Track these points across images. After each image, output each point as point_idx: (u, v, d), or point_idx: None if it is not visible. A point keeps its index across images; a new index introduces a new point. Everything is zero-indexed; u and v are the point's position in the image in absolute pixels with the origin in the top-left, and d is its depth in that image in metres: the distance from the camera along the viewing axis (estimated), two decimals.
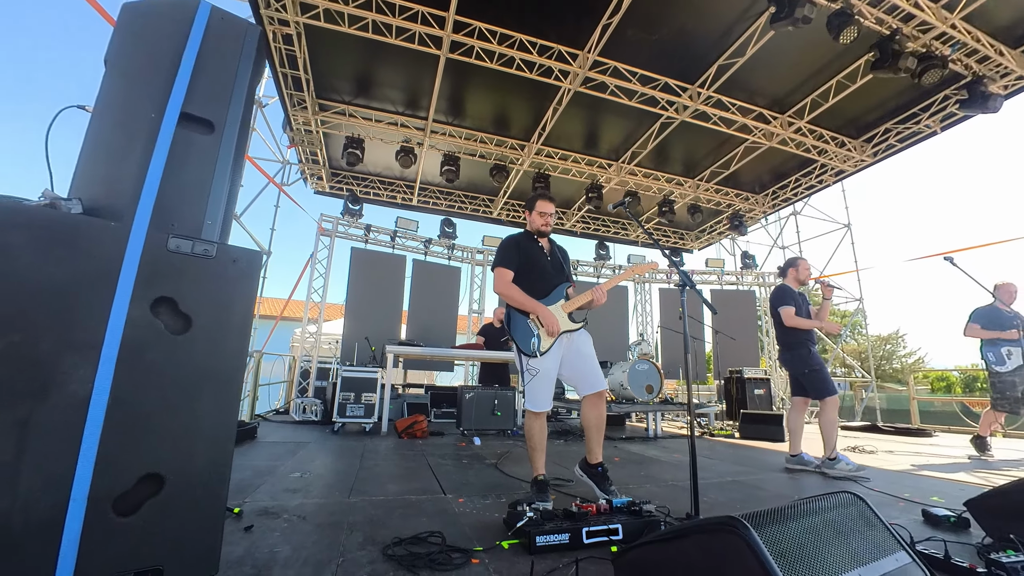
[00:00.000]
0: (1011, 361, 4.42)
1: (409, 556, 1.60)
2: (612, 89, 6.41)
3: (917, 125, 6.94)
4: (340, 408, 4.62)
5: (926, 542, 1.78)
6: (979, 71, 6.00)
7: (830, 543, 1.05)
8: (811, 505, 1.16)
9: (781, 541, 0.98)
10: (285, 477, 2.78)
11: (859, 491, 2.83)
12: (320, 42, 5.87)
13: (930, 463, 4.03)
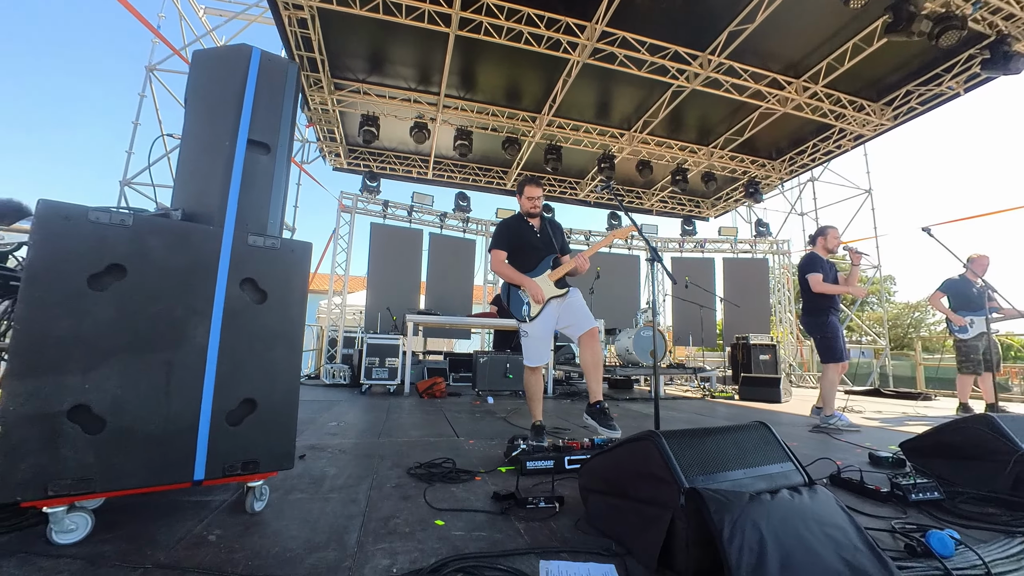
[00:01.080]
0: (973, 329, 4.72)
1: (427, 474, 2.11)
2: (621, 59, 6.56)
3: (939, 87, 6.88)
4: (367, 371, 5.21)
5: (849, 471, 2.19)
6: (1004, 29, 5.92)
7: (727, 453, 1.48)
8: (722, 429, 1.58)
9: (685, 447, 1.41)
10: (324, 425, 3.35)
11: (821, 438, 3.25)
12: (333, 24, 6.18)
13: (907, 420, 4.37)
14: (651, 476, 1.36)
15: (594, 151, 8.70)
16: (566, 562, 1.28)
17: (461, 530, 1.50)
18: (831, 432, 3.57)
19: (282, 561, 1.25)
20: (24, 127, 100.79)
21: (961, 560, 1.37)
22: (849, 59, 6.52)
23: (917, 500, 1.86)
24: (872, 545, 1.22)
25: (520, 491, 1.77)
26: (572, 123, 8.30)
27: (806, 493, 1.33)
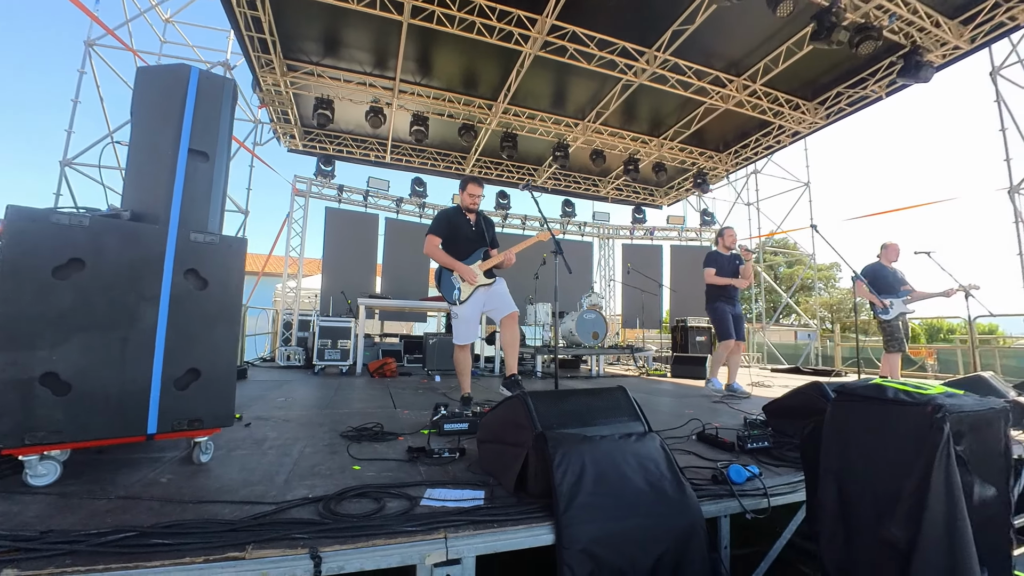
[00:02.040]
0: (892, 310, 5.38)
1: (357, 435, 2.49)
2: (572, 53, 6.90)
3: (865, 90, 7.55)
4: (319, 353, 5.51)
5: (718, 430, 2.71)
6: (918, 40, 6.57)
7: (584, 410, 1.92)
8: (586, 392, 2.03)
9: (548, 405, 1.85)
10: (272, 400, 3.68)
11: (719, 406, 3.81)
12: (285, 5, 6.26)
13: None
14: (518, 425, 1.80)
15: (549, 139, 9.06)
16: (448, 489, 1.71)
17: (373, 472, 1.90)
18: (730, 401, 4.17)
19: (222, 492, 1.62)
20: None
21: (749, 486, 1.86)
22: (783, 61, 7.08)
23: (752, 448, 2.39)
24: (676, 473, 1.69)
25: (431, 445, 2.19)
26: (528, 111, 8.62)
27: (636, 438, 1.78)
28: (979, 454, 1.38)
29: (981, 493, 1.34)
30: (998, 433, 1.40)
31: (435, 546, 1.31)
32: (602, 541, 1.43)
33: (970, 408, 1.30)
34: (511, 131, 8.71)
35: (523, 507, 1.54)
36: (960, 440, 1.26)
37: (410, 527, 1.34)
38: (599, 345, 6.43)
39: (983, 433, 1.38)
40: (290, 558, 1.20)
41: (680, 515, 1.56)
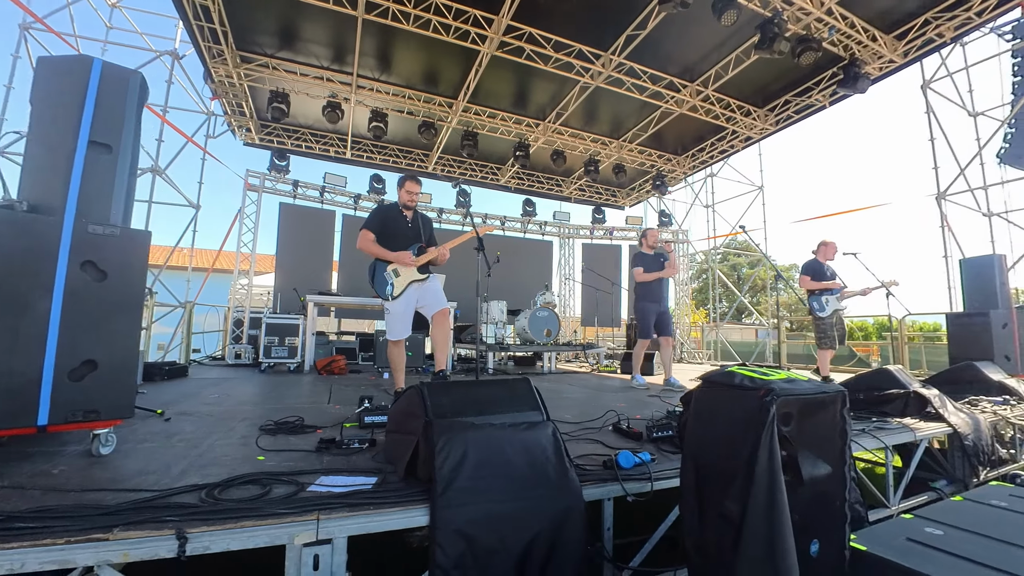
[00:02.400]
0: (828, 307, 5.66)
1: (275, 428, 2.53)
2: (529, 54, 7.01)
3: (810, 98, 7.91)
4: (266, 351, 5.47)
5: (633, 422, 2.85)
6: (856, 53, 6.93)
7: (483, 400, 2.01)
8: (489, 383, 2.13)
9: (445, 395, 1.93)
10: (206, 397, 3.66)
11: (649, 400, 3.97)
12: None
13: None
14: (413, 414, 1.88)
15: (511, 139, 9.16)
16: (342, 476, 1.77)
17: (275, 462, 1.95)
18: (664, 395, 4.35)
19: (112, 482, 1.64)
20: None
21: (636, 471, 1.99)
22: (733, 68, 7.36)
23: (656, 437, 2.52)
24: (562, 459, 1.80)
25: (342, 437, 2.24)
26: (489, 111, 8.70)
27: (528, 427, 1.88)
28: (813, 434, 1.52)
29: (814, 470, 1.48)
30: (834, 416, 1.55)
31: (306, 527, 1.38)
32: (477, 522, 1.52)
33: (800, 392, 1.43)
34: (472, 130, 8.77)
35: (408, 491, 1.63)
36: (788, 421, 1.39)
37: (283, 510, 1.41)
38: (552, 342, 6.56)
39: (817, 416, 1.52)
40: (154, 539, 1.25)
41: (558, 499, 1.67)
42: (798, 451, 1.41)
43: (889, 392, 3.54)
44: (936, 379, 4.65)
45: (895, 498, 2.87)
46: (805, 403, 1.45)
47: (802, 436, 1.45)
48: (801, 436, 1.44)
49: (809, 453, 1.46)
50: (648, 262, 5.16)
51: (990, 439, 3.47)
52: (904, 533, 1.71)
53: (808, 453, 1.45)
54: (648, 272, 5.08)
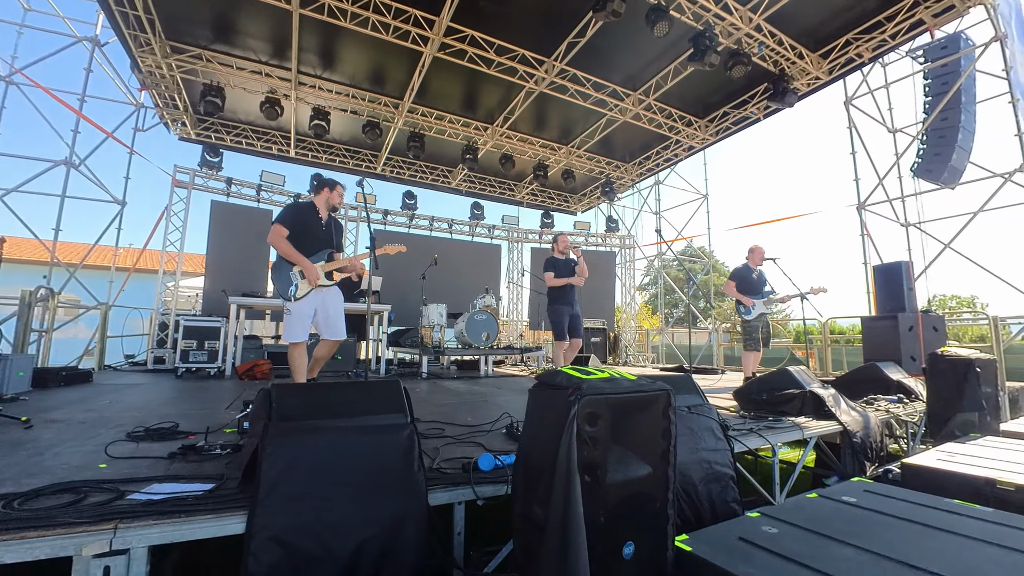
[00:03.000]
0: (754, 311, 5.86)
1: (144, 435, 2.41)
2: (471, 56, 7.02)
3: (746, 110, 8.23)
4: (183, 355, 5.23)
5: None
6: (785, 69, 7.25)
7: (344, 403, 1.97)
8: (355, 384, 2.09)
9: (296, 398, 1.88)
10: (94, 404, 3.46)
11: None
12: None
13: None
14: (259, 417, 1.82)
15: (459, 142, 9.14)
16: (176, 484, 1.70)
17: (116, 470, 1.85)
18: None
19: None
20: None
21: (493, 474, 1.98)
22: (672, 79, 7.57)
23: None
24: (411, 463, 1.77)
25: (207, 443, 2.16)
26: (436, 112, 8.66)
27: (380, 430, 1.84)
28: (631, 435, 1.52)
29: (629, 472, 1.47)
30: (654, 416, 1.56)
31: (98, 537, 1.30)
32: (297, 529, 1.48)
33: (612, 392, 1.44)
34: (419, 131, 8.71)
35: (233, 498, 1.57)
36: (595, 421, 1.40)
37: (75, 519, 1.33)
38: (490, 346, 6.55)
39: (635, 416, 1.53)
40: None
41: (396, 503, 1.64)
42: (608, 452, 1.41)
43: (788, 392, 3.68)
44: (843, 379, 4.89)
45: (781, 495, 2.98)
46: (619, 403, 1.45)
47: (618, 436, 1.46)
48: (617, 436, 1.45)
49: (625, 454, 1.47)
50: (559, 267, 5.28)
51: (879, 436, 3.67)
52: (739, 532, 1.75)
53: (624, 454, 1.46)
54: (559, 277, 5.21)
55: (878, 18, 6.36)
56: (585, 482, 1.30)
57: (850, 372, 4.94)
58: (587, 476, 1.32)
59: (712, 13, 6.28)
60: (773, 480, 2.95)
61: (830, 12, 6.44)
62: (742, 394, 3.93)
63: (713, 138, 8.93)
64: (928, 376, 3.83)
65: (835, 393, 3.75)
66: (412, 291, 7.68)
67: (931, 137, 6.60)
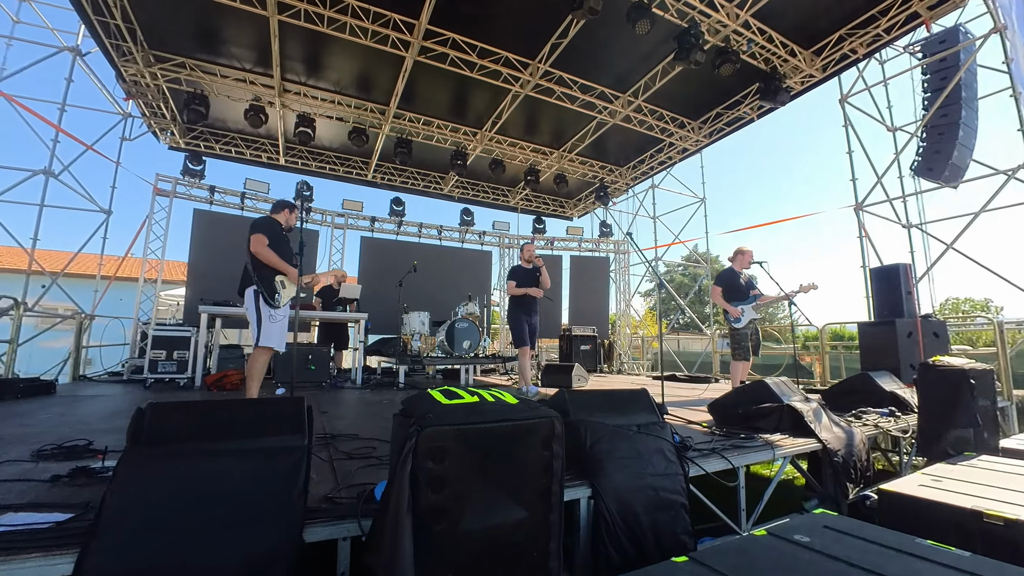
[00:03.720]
0: (744, 317, 5.58)
1: (50, 454, 2.26)
2: (453, 59, 6.89)
3: (739, 111, 7.99)
4: (151, 365, 5.12)
5: None
6: (777, 66, 7.01)
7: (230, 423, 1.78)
8: (254, 401, 1.91)
9: (184, 416, 1.71)
10: (32, 418, 3.33)
11: None
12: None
13: None
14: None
15: (448, 147, 9.02)
16: (28, 514, 1.53)
17: None
18: None
19: None
20: None
21: None
22: (660, 79, 7.37)
23: None
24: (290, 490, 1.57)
25: (103, 464, 2.00)
26: (424, 118, 8.56)
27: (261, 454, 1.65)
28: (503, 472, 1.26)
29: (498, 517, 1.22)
30: (532, 449, 1.29)
31: None
32: (137, 571, 1.30)
33: (475, 422, 1.22)
34: (406, 137, 8.60)
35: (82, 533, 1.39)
36: (443, 457, 1.17)
37: None
38: (472, 355, 6.36)
39: (508, 449, 1.27)
40: None
41: (266, 538, 1.46)
42: (467, 493, 1.20)
43: (765, 406, 3.43)
44: (832, 390, 4.60)
45: (747, 524, 2.72)
46: (482, 434, 1.23)
47: (488, 473, 1.23)
48: (486, 473, 1.23)
49: (496, 495, 1.24)
50: (520, 277, 5.33)
51: (864, 454, 3.39)
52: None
53: (494, 495, 1.24)
54: (520, 287, 5.26)
55: (871, 12, 6.12)
56: (430, 530, 1.10)
57: (840, 383, 4.65)
58: (435, 523, 1.11)
59: (697, 10, 6.08)
60: (738, 507, 2.69)
61: (820, 7, 6.21)
62: (717, 408, 3.68)
63: (707, 140, 8.70)
64: (918, 388, 3.56)
65: (817, 407, 3.48)
66: (386, 300, 7.53)
67: (931, 134, 6.30)
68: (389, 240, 9.69)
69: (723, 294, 5.68)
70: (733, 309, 5.46)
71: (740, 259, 5.67)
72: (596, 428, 2.30)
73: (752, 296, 5.51)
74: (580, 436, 2.25)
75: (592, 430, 2.28)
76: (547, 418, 1.31)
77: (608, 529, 2.04)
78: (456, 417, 1.19)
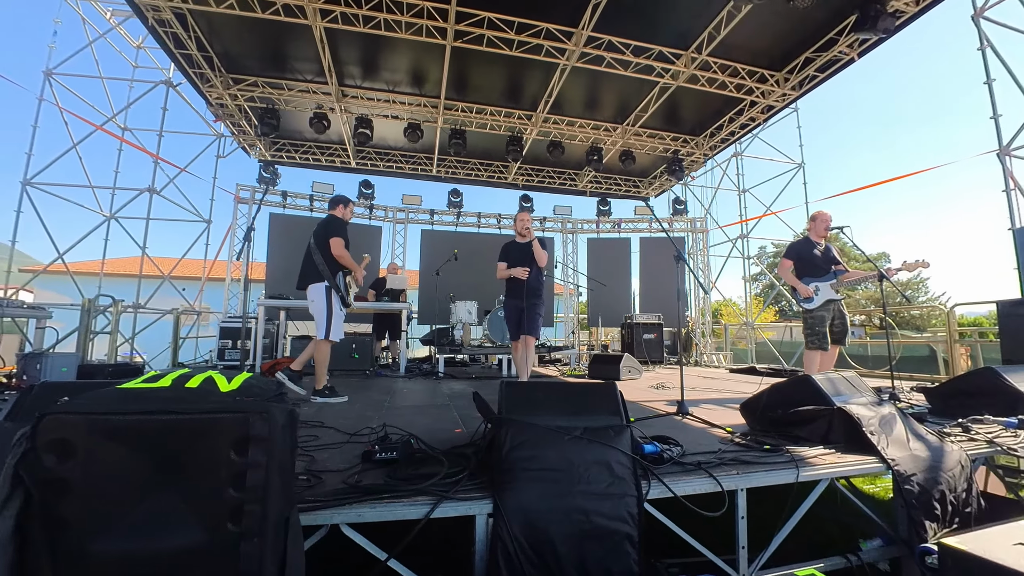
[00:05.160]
0: (818, 296, 4.52)
1: None
2: (490, 39, 6.60)
3: (834, 52, 6.57)
4: (219, 353, 5.66)
5: None
6: None
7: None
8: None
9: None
10: None
11: None
12: (214, 23, 6.52)
13: (704, 397, 4.41)
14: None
15: (503, 134, 8.76)
16: None
17: None
18: None
19: None
20: None
21: None
22: (726, 26, 6.32)
23: (379, 459, 2.06)
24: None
25: None
26: (477, 106, 8.40)
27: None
28: (158, 481, 0.94)
29: (160, 541, 0.91)
30: (218, 454, 0.97)
31: None
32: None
33: (111, 411, 0.91)
34: (459, 127, 8.52)
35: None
36: (69, 453, 0.88)
37: None
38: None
39: (172, 453, 0.94)
40: None
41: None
42: (109, 504, 0.91)
43: (807, 409, 2.66)
44: (941, 390, 3.47)
45: (749, 567, 2.06)
46: (126, 429, 0.92)
47: (136, 482, 0.92)
48: (133, 482, 0.92)
49: (149, 510, 0.92)
50: (511, 254, 4.38)
51: (963, 481, 2.45)
52: None
53: (145, 510, 0.92)
54: (511, 268, 4.30)
55: None
56: (45, 550, 0.85)
57: (953, 380, 3.52)
58: (53, 541, 0.86)
59: None
60: (736, 543, 2.07)
61: None
62: (749, 409, 2.95)
63: (796, 92, 7.32)
64: None
65: (890, 414, 2.61)
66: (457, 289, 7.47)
67: None
68: (448, 232, 9.74)
69: (795, 269, 4.68)
70: (803, 287, 4.48)
71: (814, 226, 4.64)
72: (520, 429, 1.89)
73: (832, 272, 4.45)
74: (499, 439, 1.87)
75: (514, 432, 1.88)
76: (241, 413, 0.99)
77: (509, 559, 1.64)
78: (100, 404, 0.93)
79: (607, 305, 8.78)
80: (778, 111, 7.76)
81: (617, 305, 8.79)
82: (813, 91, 7.24)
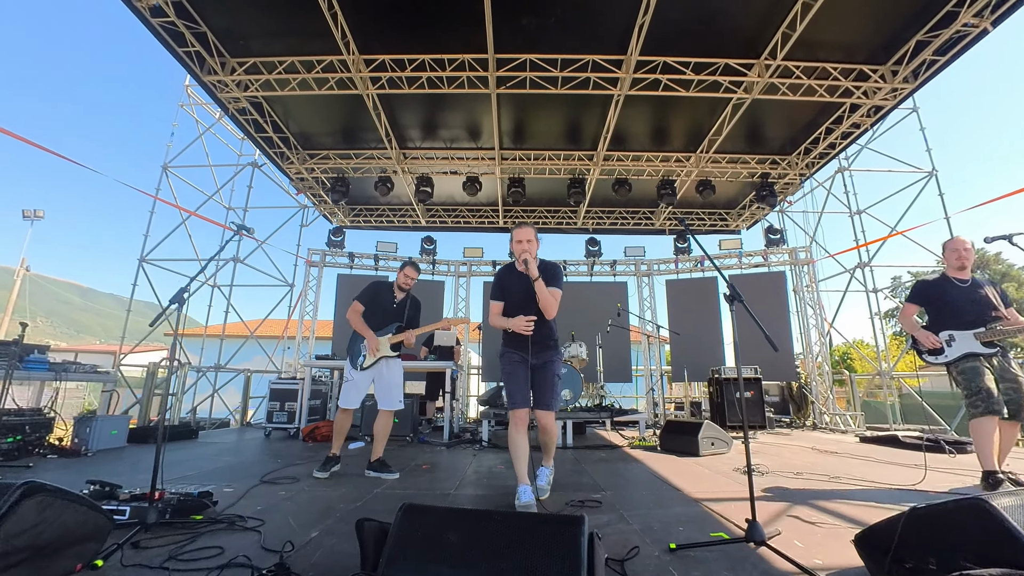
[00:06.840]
0: (954, 348, 3.25)
1: None
2: (532, 80, 6.41)
3: (956, 26, 5.30)
4: (268, 415, 5.67)
5: None
6: None
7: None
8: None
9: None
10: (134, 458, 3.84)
11: None
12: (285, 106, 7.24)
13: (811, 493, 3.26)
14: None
15: (562, 177, 8.41)
16: None
17: None
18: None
19: None
20: None
21: None
22: (801, 21, 5.44)
23: None
24: None
25: None
26: (534, 152, 8.22)
27: None
28: None
29: None
30: None
31: None
32: None
33: None
34: (517, 175, 8.35)
35: None
36: None
37: None
38: (570, 408, 5.28)
39: None
40: None
41: None
42: None
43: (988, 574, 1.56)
44: None
45: None
46: None
47: None
48: None
49: None
50: (508, 288, 2.89)
51: None
52: None
53: None
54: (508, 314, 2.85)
55: None
56: None
57: None
58: None
59: None
60: None
61: None
62: (872, 545, 1.81)
63: (910, 85, 6.01)
64: None
65: None
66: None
67: None
68: None
69: (928, 318, 3.48)
70: (924, 334, 3.31)
71: (947, 258, 3.49)
72: None
73: (987, 317, 3.21)
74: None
75: None
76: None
77: None
78: None
79: (693, 356, 7.58)
80: (888, 112, 6.44)
81: (704, 356, 7.53)
82: (933, 80, 5.87)
